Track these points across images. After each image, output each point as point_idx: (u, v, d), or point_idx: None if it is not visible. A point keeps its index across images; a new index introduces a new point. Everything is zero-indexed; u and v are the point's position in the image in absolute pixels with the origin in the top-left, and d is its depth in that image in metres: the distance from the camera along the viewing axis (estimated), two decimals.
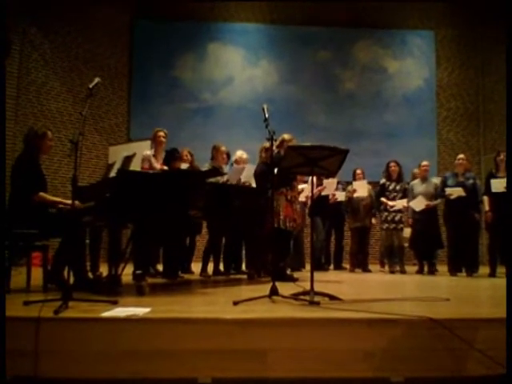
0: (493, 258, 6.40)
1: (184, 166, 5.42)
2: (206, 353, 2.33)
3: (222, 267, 5.87)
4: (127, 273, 3.83)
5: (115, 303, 2.79)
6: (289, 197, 4.96)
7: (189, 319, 2.46)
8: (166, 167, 5.08)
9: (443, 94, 10.98)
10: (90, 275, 4.23)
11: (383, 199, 7.09)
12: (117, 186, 3.51)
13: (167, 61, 10.46)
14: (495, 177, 6.33)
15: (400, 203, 6.95)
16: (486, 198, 6.41)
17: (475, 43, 10.96)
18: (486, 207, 6.39)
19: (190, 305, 3.14)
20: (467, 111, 10.95)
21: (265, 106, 3.55)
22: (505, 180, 6.09)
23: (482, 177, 6.72)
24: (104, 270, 4.05)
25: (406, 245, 7.19)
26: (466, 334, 2.41)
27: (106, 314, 2.45)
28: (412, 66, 11.03)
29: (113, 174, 3.76)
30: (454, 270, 6.51)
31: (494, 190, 6.19)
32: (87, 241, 4.15)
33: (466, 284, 5.39)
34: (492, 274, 6.26)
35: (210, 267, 5.75)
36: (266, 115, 3.48)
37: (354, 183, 7.43)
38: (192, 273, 5.84)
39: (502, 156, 6.37)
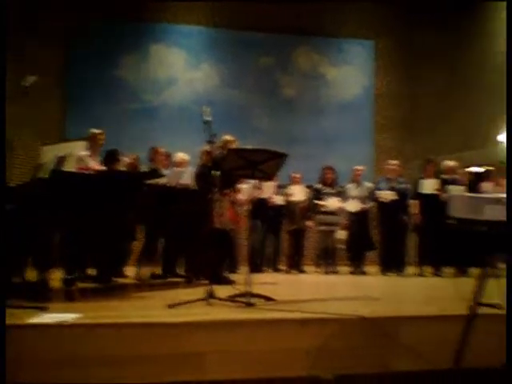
0: (420, 258, 6.75)
1: (122, 166, 5.29)
2: (141, 358, 2.29)
3: (158, 271, 5.77)
4: (56, 277, 3.68)
5: (44, 309, 2.68)
6: (232, 198, 4.97)
7: (123, 324, 2.41)
8: (103, 168, 4.94)
9: (380, 101, 11.38)
10: (18, 280, 4.03)
11: (317, 201, 7.26)
12: (50, 186, 3.38)
13: (108, 60, 10.17)
14: None
15: (332, 203, 7.13)
16: (414, 202, 6.74)
17: (411, 54, 11.44)
18: (415, 210, 6.72)
19: (124, 309, 3.07)
20: (401, 119, 11.41)
21: (206, 109, 3.53)
22: (435, 181, 6.50)
23: (413, 181, 7.06)
24: (32, 274, 3.87)
25: (340, 246, 7.40)
26: (395, 331, 2.52)
27: (34, 321, 2.35)
28: (351, 73, 11.34)
29: (42, 174, 3.61)
30: (384, 270, 6.81)
31: (424, 191, 6.52)
32: (15, 243, 3.95)
33: (395, 283, 5.64)
34: (420, 274, 6.59)
35: (146, 271, 5.63)
36: (207, 118, 3.47)
37: (290, 187, 7.57)
38: (126, 277, 5.70)
39: (431, 163, 6.74)
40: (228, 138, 5.03)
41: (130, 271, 5.77)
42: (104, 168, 4.94)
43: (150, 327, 2.40)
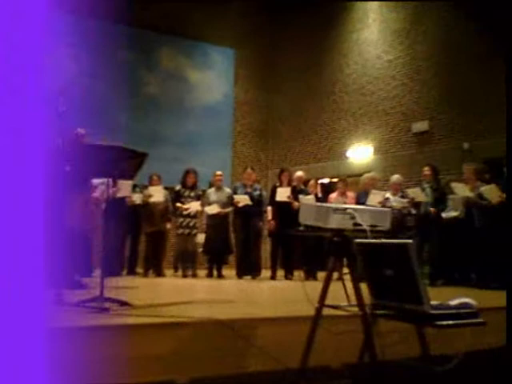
0: (274, 262, 7.10)
1: None
2: None
3: None
4: None
5: None
6: (85, 197, 4.68)
7: None
8: None
9: (239, 109, 11.74)
10: None
11: (178, 204, 7.22)
12: None
13: None
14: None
15: (194, 206, 7.14)
16: (269, 208, 7.07)
17: (270, 66, 12.00)
18: (269, 216, 7.05)
19: None
20: (259, 128, 11.93)
21: (59, 98, 3.26)
22: (287, 190, 6.82)
23: (268, 189, 7.40)
24: None
25: (200, 250, 7.44)
26: (249, 333, 2.60)
27: None
28: (213, 79, 11.52)
29: None
30: (240, 274, 7.01)
31: (278, 198, 6.86)
32: None
33: (250, 287, 5.84)
34: (273, 277, 6.93)
35: None
36: (61, 108, 3.21)
37: (149, 188, 7.38)
38: None
39: (286, 173, 7.11)
40: (79, 131, 4.73)
41: None
42: None
43: None
